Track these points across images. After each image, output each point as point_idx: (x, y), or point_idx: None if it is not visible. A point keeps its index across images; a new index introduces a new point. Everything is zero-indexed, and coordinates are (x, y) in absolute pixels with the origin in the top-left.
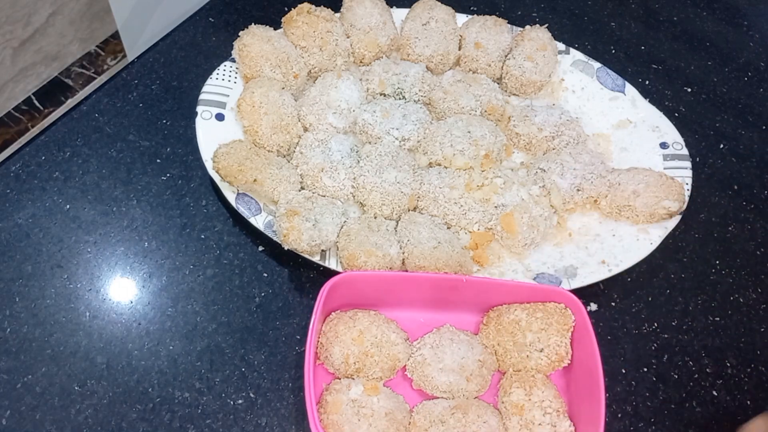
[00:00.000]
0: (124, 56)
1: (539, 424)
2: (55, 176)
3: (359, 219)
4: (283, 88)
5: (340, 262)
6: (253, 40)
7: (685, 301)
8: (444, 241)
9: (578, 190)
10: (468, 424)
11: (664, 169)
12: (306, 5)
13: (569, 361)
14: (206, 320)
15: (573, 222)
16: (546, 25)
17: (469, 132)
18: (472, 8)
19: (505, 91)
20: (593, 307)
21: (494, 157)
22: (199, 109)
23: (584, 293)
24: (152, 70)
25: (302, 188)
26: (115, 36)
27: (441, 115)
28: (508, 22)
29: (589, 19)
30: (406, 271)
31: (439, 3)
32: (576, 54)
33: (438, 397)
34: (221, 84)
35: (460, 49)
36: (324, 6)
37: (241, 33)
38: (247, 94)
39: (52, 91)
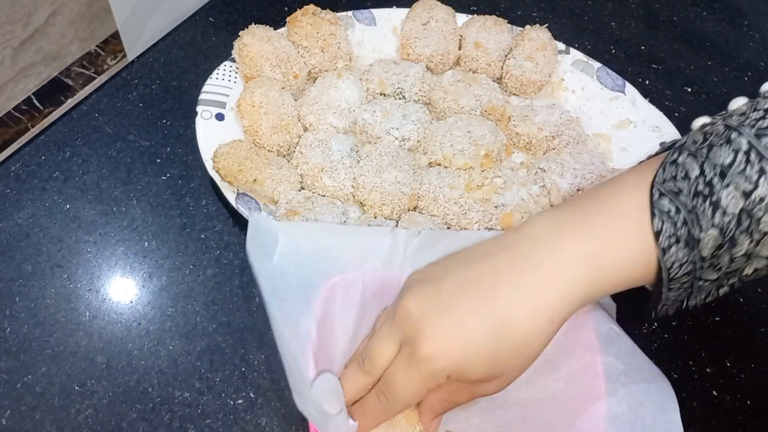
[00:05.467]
0: (124, 56)
1: None
2: (55, 176)
3: (359, 219)
4: (283, 88)
5: None
6: (253, 39)
7: None
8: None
9: (578, 190)
10: None
11: None
12: (311, 7)
13: None
14: (206, 320)
15: None
16: (546, 25)
17: (469, 132)
18: (472, 8)
19: (505, 91)
20: None
21: (494, 157)
22: (199, 109)
23: None
24: (152, 70)
25: (302, 188)
26: (115, 36)
27: (441, 115)
28: (508, 22)
29: (589, 19)
30: None
31: (439, 3)
32: (576, 54)
33: None
34: (221, 84)
35: (460, 49)
36: (326, 8)
37: (241, 33)
38: (247, 94)
39: (52, 91)
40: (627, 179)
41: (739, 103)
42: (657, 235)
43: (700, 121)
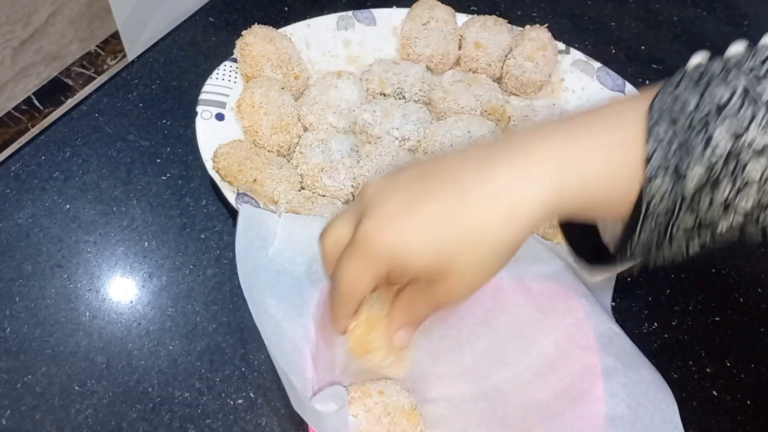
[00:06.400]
0: (124, 56)
1: None
2: (55, 176)
3: None
4: (282, 88)
5: None
6: (256, 39)
7: (685, 301)
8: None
9: None
10: None
11: None
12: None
13: None
14: (206, 320)
15: None
16: (546, 25)
17: (469, 132)
18: (472, 8)
19: (505, 91)
20: None
21: None
22: (199, 108)
23: None
24: (152, 70)
25: (302, 188)
26: (115, 36)
27: (441, 115)
28: (508, 22)
29: (589, 19)
30: None
31: (439, 3)
32: (576, 54)
33: None
34: (221, 84)
35: (460, 49)
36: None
37: (244, 32)
38: (247, 94)
39: (52, 91)
40: (620, 104)
41: (737, 48)
42: (647, 160)
43: (696, 59)
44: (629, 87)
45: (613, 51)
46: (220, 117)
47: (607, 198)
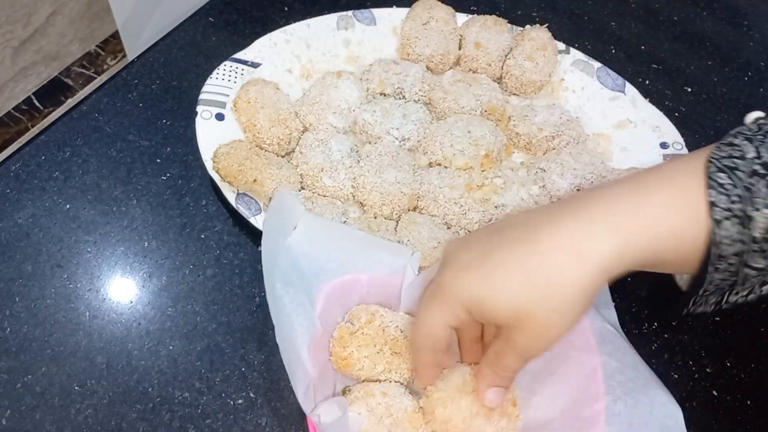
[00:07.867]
0: (124, 56)
1: None
2: (55, 176)
3: (359, 219)
4: (278, 88)
5: None
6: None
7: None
8: (444, 241)
9: (578, 190)
10: None
11: None
12: None
13: None
14: (206, 320)
15: None
16: (546, 25)
17: (469, 132)
18: (472, 8)
19: (505, 91)
20: None
21: (494, 157)
22: (199, 108)
23: None
24: (152, 69)
25: (302, 188)
26: (115, 36)
27: (441, 115)
28: (508, 22)
29: (589, 19)
30: None
31: (439, 3)
32: (576, 54)
33: None
34: (221, 84)
35: (460, 49)
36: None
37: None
38: (242, 93)
39: (52, 91)
40: (675, 162)
41: (753, 116)
42: (711, 206)
43: (753, 115)
44: (629, 87)
45: (613, 51)
46: (220, 117)
47: (677, 248)
